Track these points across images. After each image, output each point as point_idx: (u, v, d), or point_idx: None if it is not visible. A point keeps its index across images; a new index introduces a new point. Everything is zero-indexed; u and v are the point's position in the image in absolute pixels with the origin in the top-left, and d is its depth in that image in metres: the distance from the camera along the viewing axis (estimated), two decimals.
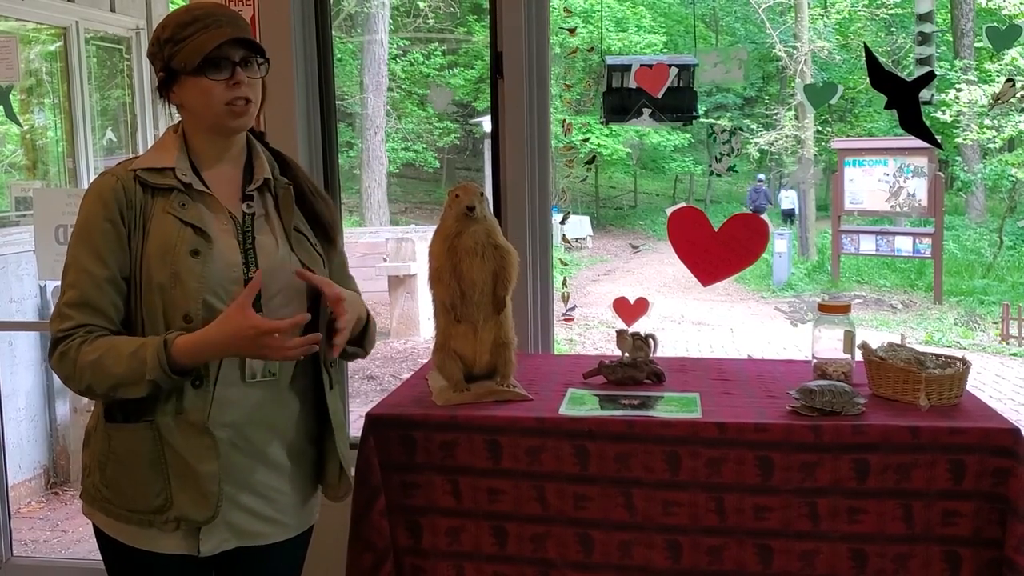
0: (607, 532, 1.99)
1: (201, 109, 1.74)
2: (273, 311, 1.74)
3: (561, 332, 9.49)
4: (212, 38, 1.69)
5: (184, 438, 1.70)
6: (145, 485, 1.72)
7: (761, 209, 15.94)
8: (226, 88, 1.71)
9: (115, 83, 5.47)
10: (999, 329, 10.09)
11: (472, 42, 17.19)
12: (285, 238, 1.81)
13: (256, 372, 1.75)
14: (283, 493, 1.83)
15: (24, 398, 4.65)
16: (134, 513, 1.73)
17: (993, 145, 13.11)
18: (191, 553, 1.74)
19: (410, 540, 2.07)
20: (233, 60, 1.72)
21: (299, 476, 1.86)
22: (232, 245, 1.74)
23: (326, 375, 1.86)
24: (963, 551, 1.89)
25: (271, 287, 1.75)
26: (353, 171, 15.35)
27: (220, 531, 1.75)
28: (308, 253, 1.83)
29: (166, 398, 1.70)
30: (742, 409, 2.04)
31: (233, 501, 1.75)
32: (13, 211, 4.79)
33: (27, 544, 4.18)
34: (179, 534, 1.73)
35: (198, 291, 1.68)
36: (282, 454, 1.81)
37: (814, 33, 14.63)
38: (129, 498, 1.73)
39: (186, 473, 1.70)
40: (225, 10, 1.77)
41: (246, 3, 2.74)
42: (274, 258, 1.77)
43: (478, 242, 2.09)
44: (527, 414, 2.03)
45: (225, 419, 1.73)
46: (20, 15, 4.65)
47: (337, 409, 1.89)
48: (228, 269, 1.72)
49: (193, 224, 1.71)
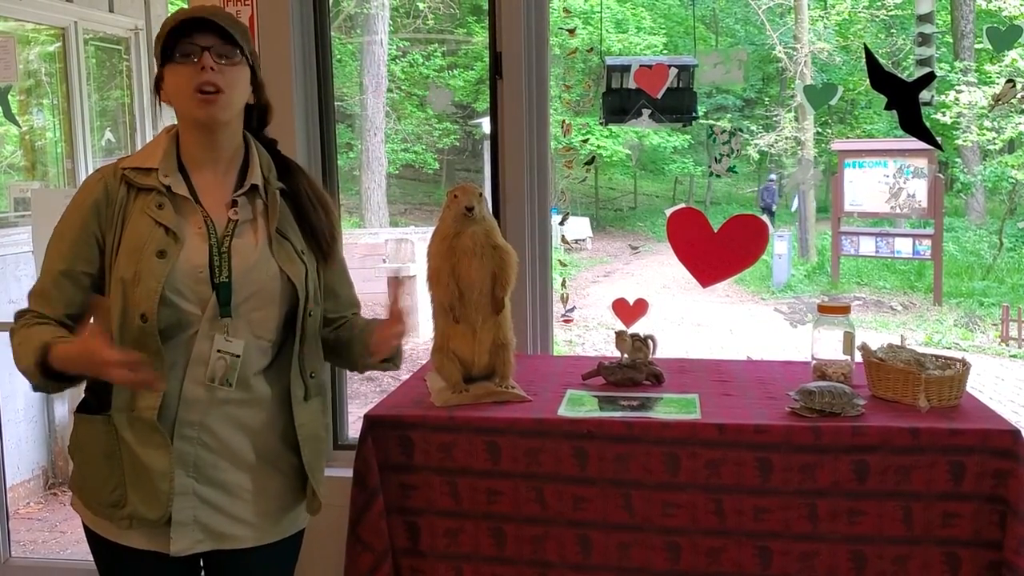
0: (606, 533, 1.98)
1: (176, 98, 1.75)
2: (245, 315, 1.74)
3: (560, 333, 9.49)
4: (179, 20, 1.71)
5: (136, 434, 1.71)
6: (103, 479, 1.74)
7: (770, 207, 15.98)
8: (192, 73, 1.71)
9: (114, 84, 5.47)
10: (999, 331, 10.08)
11: (472, 43, 17.19)
12: (267, 242, 1.79)
13: (216, 376, 1.74)
14: (257, 493, 1.80)
15: (23, 399, 4.64)
16: (100, 506, 1.76)
17: (993, 147, 13.10)
18: (162, 551, 1.74)
19: (408, 541, 2.07)
20: (202, 46, 1.71)
21: (278, 478, 1.83)
22: (201, 248, 1.73)
23: (301, 385, 1.84)
24: (963, 553, 1.89)
25: (243, 290, 1.74)
26: (353, 172, 15.35)
27: (191, 531, 1.74)
28: (288, 258, 1.80)
29: (120, 393, 1.71)
30: (741, 410, 2.04)
31: (204, 499, 1.75)
32: (12, 212, 4.78)
33: (25, 545, 4.18)
34: (145, 532, 1.73)
35: (155, 291, 1.68)
36: (252, 454, 1.79)
37: (814, 34, 14.64)
38: (93, 490, 1.76)
39: (138, 470, 1.71)
40: (215, 8, 1.78)
41: (244, 3, 2.73)
42: (248, 261, 1.76)
43: (477, 243, 2.09)
44: (526, 415, 2.03)
45: (192, 417, 1.73)
46: (18, 15, 4.64)
47: (308, 422, 1.85)
48: (193, 271, 1.71)
49: (166, 225, 1.71)
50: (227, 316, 1.73)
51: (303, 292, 1.79)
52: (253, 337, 1.76)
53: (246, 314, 1.75)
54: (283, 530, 1.87)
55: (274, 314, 1.78)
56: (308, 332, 1.83)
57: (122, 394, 1.71)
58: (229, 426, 1.76)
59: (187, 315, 1.71)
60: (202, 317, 1.72)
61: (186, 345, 1.72)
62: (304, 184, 1.89)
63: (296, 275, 1.79)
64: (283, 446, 1.84)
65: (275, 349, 1.82)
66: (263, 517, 1.82)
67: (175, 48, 1.72)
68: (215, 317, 1.72)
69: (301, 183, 1.88)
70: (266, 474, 1.82)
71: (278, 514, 1.85)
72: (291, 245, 1.82)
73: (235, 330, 1.74)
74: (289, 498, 1.87)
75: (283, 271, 1.78)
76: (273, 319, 1.79)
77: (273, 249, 1.79)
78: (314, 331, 1.85)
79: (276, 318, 1.79)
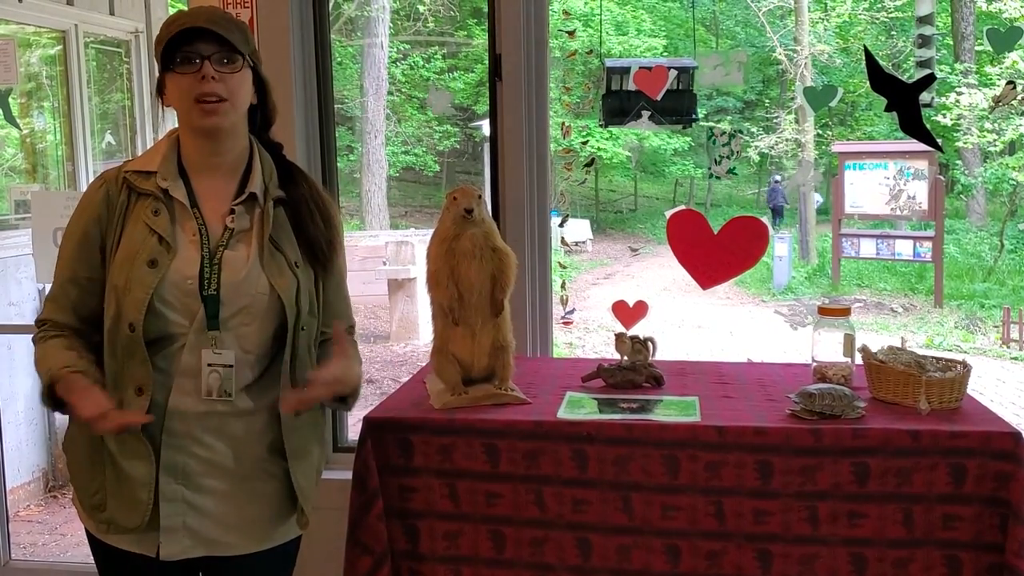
0: (605, 536, 1.98)
1: (177, 106, 1.74)
2: (234, 329, 1.72)
3: (560, 335, 9.49)
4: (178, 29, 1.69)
5: (120, 442, 1.70)
6: (87, 480, 1.75)
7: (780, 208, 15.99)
8: (193, 82, 1.69)
9: (114, 86, 5.47)
10: (1000, 333, 10.09)
11: (472, 46, 17.21)
12: (259, 254, 1.75)
13: (212, 390, 1.71)
14: (248, 500, 1.78)
15: (23, 401, 4.64)
16: (84, 507, 1.78)
17: (994, 148, 13.12)
18: (150, 555, 1.73)
19: (408, 544, 2.06)
20: (203, 55, 1.69)
21: (269, 486, 1.80)
22: (194, 258, 1.71)
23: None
24: (963, 555, 1.88)
25: (231, 304, 1.71)
26: (353, 175, 15.36)
27: (181, 538, 1.73)
28: (279, 272, 1.75)
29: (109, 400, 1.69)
30: (741, 412, 2.03)
31: (194, 505, 1.73)
32: (12, 214, 4.78)
33: (25, 547, 4.17)
34: (129, 536, 1.73)
35: (143, 301, 1.66)
36: (241, 464, 1.76)
37: (814, 36, 14.66)
38: (80, 489, 1.78)
39: (119, 477, 1.71)
40: (214, 10, 1.75)
41: (244, 5, 2.74)
42: (238, 275, 1.72)
43: (476, 245, 2.09)
44: (525, 417, 2.03)
45: (180, 428, 1.71)
46: (19, 18, 4.65)
47: (299, 438, 1.81)
48: (182, 281, 1.69)
49: (159, 233, 1.70)
50: (215, 329, 1.70)
51: (292, 309, 1.74)
52: (240, 351, 1.72)
53: (234, 328, 1.72)
54: (277, 537, 1.84)
55: (262, 329, 1.74)
56: (300, 347, 1.78)
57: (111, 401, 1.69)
58: (216, 437, 1.73)
59: (174, 326, 1.69)
60: (189, 329, 1.69)
61: (174, 357, 1.70)
62: (306, 191, 1.84)
63: (285, 290, 1.74)
64: (273, 456, 1.80)
65: (262, 364, 1.77)
66: (255, 524, 1.79)
67: (175, 55, 1.70)
68: (202, 330, 1.69)
69: (303, 190, 1.84)
70: (257, 482, 1.79)
71: (271, 521, 1.81)
72: (284, 257, 1.77)
73: (222, 344, 1.70)
74: (282, 505, 1.83)
75: (273, 286, 1.73)
76: (261, 334, 1.75)
77: (264, 261, 1.74)
78: (308, 345, 1.81)
79: (264, 332, 1.75)
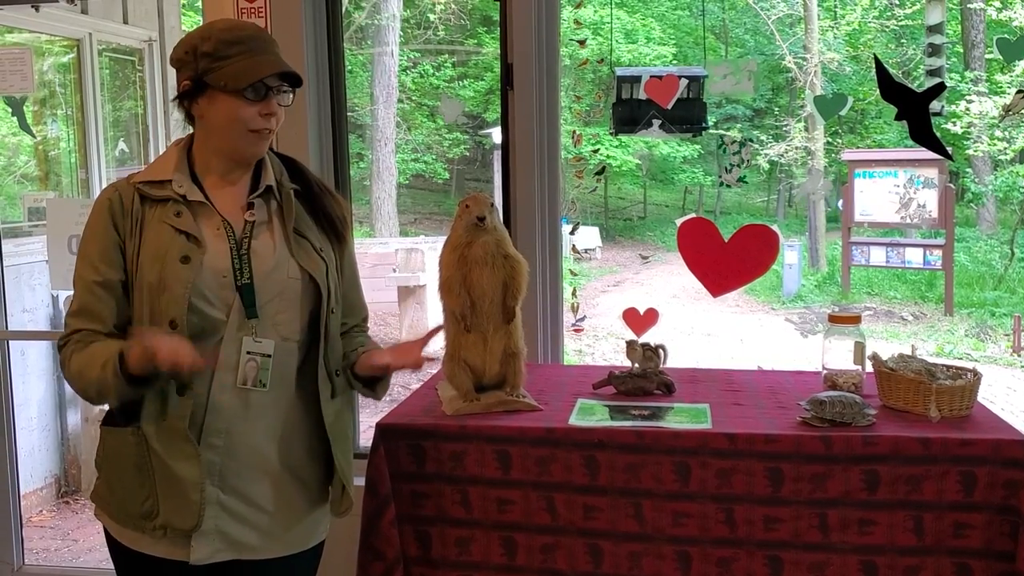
0: (616, 543, 1.98)
1: (222, 128, 1.75)
2: (271, 317, 1.76)
3: (571, 342, 9.48)
4: (260, 65, 1.71)
5: (166, 444, 1.72)
6: (133, 490, 1.75)
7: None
8: (257, 114, 1.73)
9: (127, 94, 5.51)
10: (1011, 341, 10.03)
11: (482, 54, 17.24)
12: (285, 242, 1.81)
13: (248, 379, 1.75)
14: (278, 503, 1.81)
15: (36, 407, 4.66)
16: (128, 517, 1.77)
17: (1004, 157, 13.06)
18: (183, 560, 1.75)
19: (420, 550, 2.07)
20: (269, 87, 1.74)
21: (299, 488, 1.85)
22: (224, 251, 1.75)
23: (328, 384, 1.85)
24: (974, 563, 1.88)
25: (265, 292, 1.76)
26: (363, 182, 15.39)
27: (212, 540, 1.75)
28: (308, 256, 1.82)
29: (151, 404, 1.72)
30: (752, 420, 2.04)
31: (226, 508, 1.76)
32: (26, 221, 4.82)
33: (38, 553, 4.19)
34: (167, 540, 1.74)
35: (183, 297, 1.69)
36: (279, 463, 1.81)
37: (824, 45, 14.63)
38: (122, 501, 1.77)
39: (170, 480, 1.72)
40: (266, 35, 1.79)
41: (258, 15, 2.76)
42: (268, 263, 1.78)
43: (488, 252, 2.10)
44: (537, 424, 2.03)
45: (219, 425, 1.74)
46: (34, 27, 4.69)
47: (338, 420, 1.87)
48: (217, 275, 1.73)
49: (186, 232, 1.73)
50: (253, 317, 1.75)
51: (325, 289, 1.81)
52: (281, 339, 1.78)
53: (271, 316, 1.77)
54: (302, 542, 1.87)
55: (299, 315, 1.80)
56: (331, 330, 1.85)
57: (152, 405, 1.72)
58: (255, 432, 1.77)
59: (213, 321, 1.73)
60: (227, 323, 1.74)
61: (212, 352, 1.73)
62: (310, 176, 1.92)
63: (318, 272, 1.81)
64: (307, 456, 1.85)
65: (303, 350, 1.83)
66: (283, 528, 1.82)
67: (239, 80, 1.70)
68: (241, 320, 1.74)
69: (307, 176, 1.92)
70: (288, 483, 1.83)
71: (298, 526, 1.85)
72: (309, 243, 1.84)
73: (263, 332, 1.76)
74: (309, 510, 1.87)
75: (304, 269, 1.80)
76: (298, 320, 1.81)
77: (292, 249, 1.81)
78: (336, 329, 1.88)
79: (301, 319, 1.81)
